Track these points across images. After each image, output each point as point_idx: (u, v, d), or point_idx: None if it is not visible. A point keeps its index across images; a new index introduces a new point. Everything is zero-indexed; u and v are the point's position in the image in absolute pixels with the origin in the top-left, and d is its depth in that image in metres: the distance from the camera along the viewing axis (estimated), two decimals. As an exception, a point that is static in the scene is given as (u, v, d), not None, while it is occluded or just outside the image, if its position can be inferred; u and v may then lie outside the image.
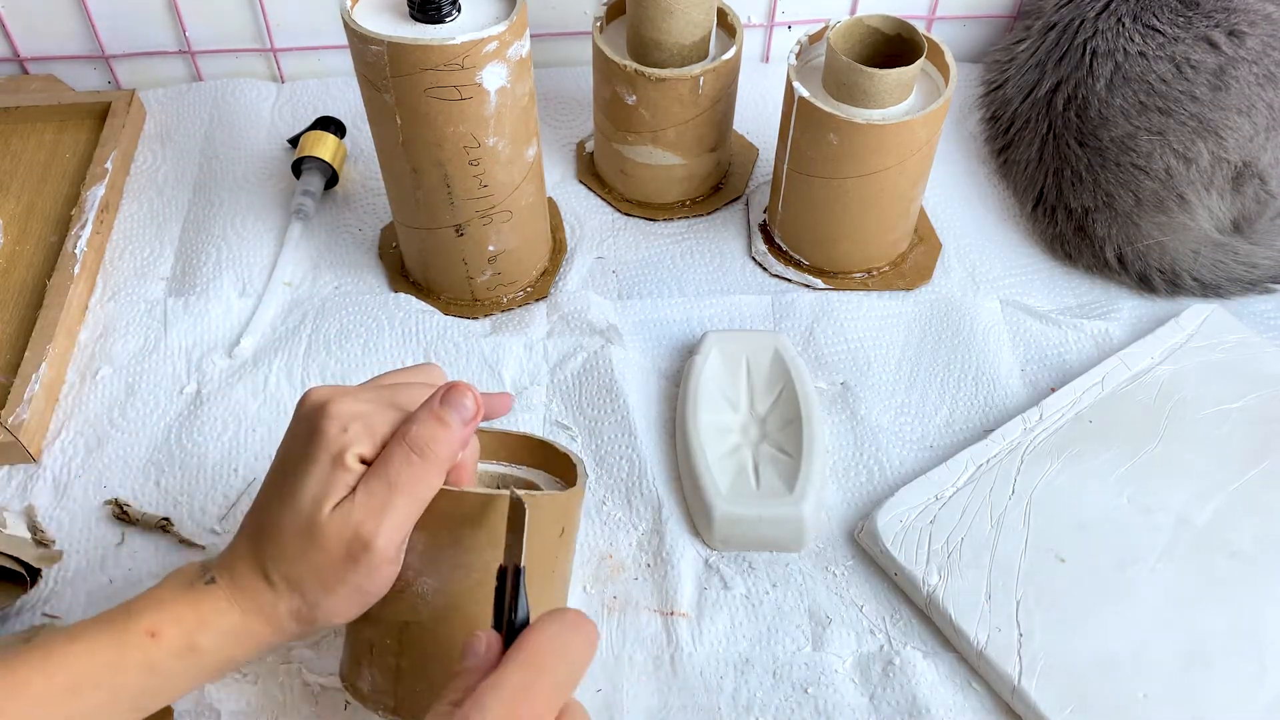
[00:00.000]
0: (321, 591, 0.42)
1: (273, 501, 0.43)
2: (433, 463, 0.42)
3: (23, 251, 0.71)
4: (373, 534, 0.40)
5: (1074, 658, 0.52)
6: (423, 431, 0.42)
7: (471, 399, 0.43)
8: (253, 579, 0.42)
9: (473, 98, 0.57)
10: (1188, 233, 0.70)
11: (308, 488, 0.41)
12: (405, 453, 0.42)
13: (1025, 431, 0.61)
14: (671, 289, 0.71)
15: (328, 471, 0.41)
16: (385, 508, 0.41)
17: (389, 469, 0.41)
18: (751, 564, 0.57)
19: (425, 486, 0.42)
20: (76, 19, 0.81)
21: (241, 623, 0.42)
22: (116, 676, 0.40)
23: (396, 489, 0.41)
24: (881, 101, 0.62)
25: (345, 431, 0.42)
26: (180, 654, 0.41)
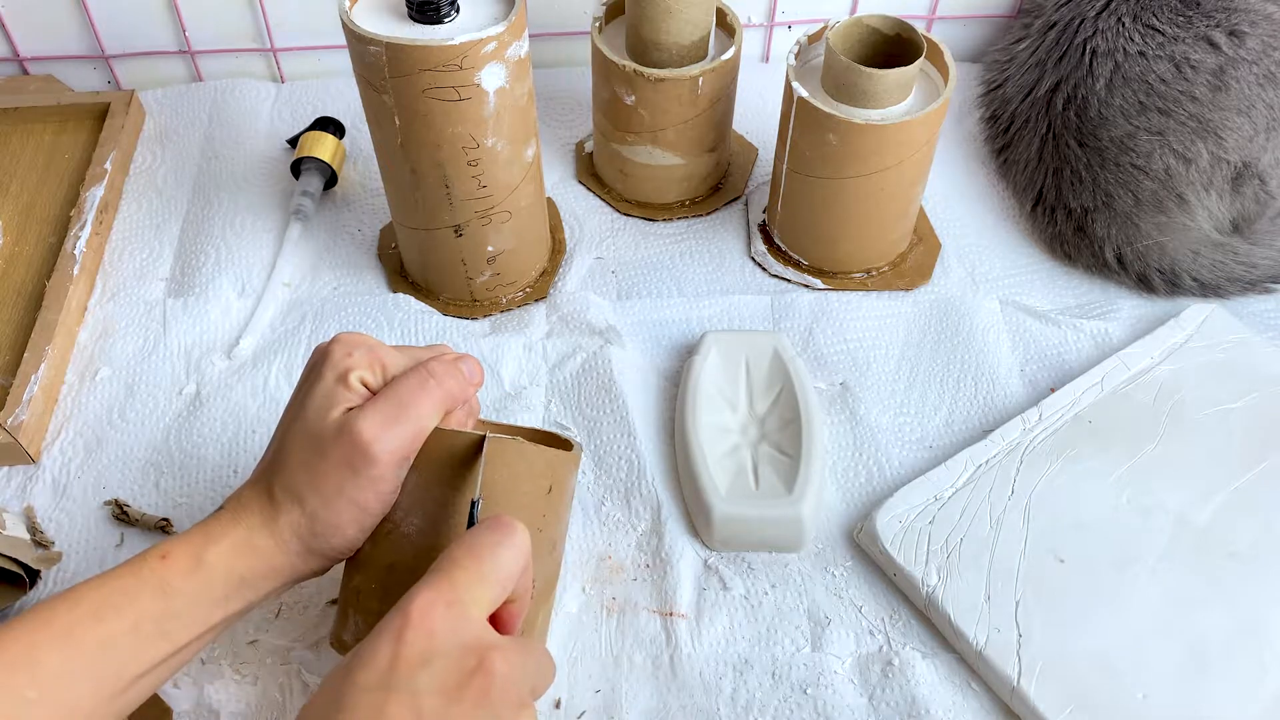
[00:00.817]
0: (320, 502, 0.43)
1: (282, 427, 0.46)
2: (443, 393, 0.45)
3: (22, 252, 0.71)
4: (375, 444, 0.43)
5: (1073, 658, 0.52)
6: (438, 367, 0.46)
7: (480, 369, 0.49)
8: (257, 497, 0.45)
9: (471, 98, 0.57)
10: (1187, 233, 0.70)
11: (313, 402, 0.45)
12: (422, 377, 0.45)
13: (1025, 432, 0.61)
14: (671, 289, 0.71)
15: (332, 387, 0.45)
16: (392, 422, 0.43)
17: (401, 389, 0.45)
18: (750, 565, 0.57)
19: (431, 413, 0.45)
20: (76, 19, 0.81)
21: (246, 537, 0.44)
22: (134, 600, 0.42)
23: (405, 407, 0.44)
24: (881, 101, 0.62)
25: (350, 355, 0.45)
26: (189, 572, 0.43)
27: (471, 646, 0.37)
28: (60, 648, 0.40)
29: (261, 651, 0.54)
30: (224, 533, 0.44)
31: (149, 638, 0.42)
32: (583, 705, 0.52)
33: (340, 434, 0.43)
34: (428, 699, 0.35)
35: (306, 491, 0.44)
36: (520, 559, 0.40)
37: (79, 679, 0.40)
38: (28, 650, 0.39)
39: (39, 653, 0.39)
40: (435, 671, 0.36)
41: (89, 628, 0.40)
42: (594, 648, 0.54)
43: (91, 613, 0.41)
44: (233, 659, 0.53)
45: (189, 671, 0.53)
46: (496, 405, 0.64)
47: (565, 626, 0.55)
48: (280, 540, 0.44)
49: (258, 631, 0.54)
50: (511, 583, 0.40)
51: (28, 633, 0.40)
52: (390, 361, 0.46)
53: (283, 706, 0.52)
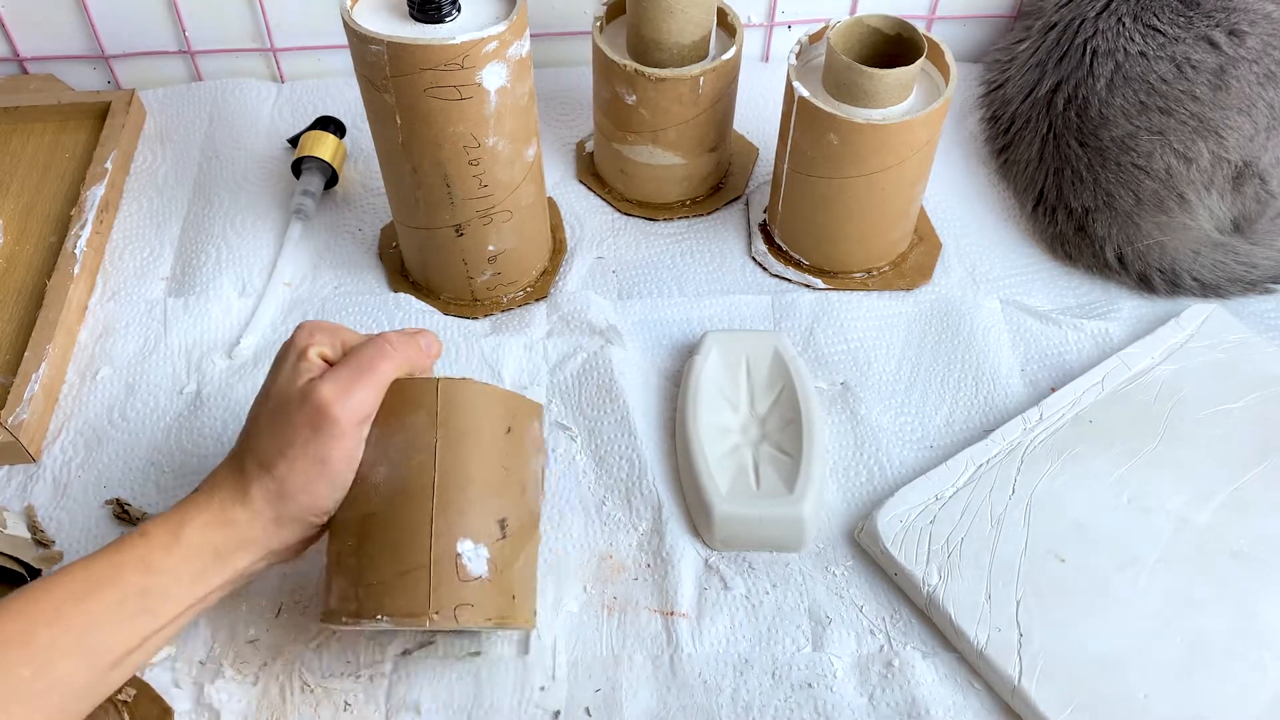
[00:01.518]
0: (286, 466, 0.46)
1: (253, 410, 0.49)
2: (400, 358, 0.49)
3: (22, 251, 0.71)
4: (335, 405, 0.46)
5: (1074, 658, 0.52)
6: (395, 336, 0.49)
7: (438, 343, 0.53)
8: (231, 472, 0.47)
9: (473, 97, 0.57)
10: (1188, 232, 0.70)
11: (277, 381, 0.48)
12: (379, 344, 0.49)
13: (1025, 431, 0.61)
14: (671, 289, 0.71)
15: (293, 364, 0.48)
16: (350, 385, 0.47)
17: (360, 354, 0.48)
18: (751, 564, 0.57)
19: (389, 374, 0.48)
20: (76, 19, 0.81)
21: (220, 511, 0.46)
22: (117, 578, 0.44)
23: (362, 370, 0.47)
24: (881, 101, 0.62)
25: (310, 335, 0.49)
26: (168, 547, 0.45)
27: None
28: (49, 626, 0.41)
29: (261, 651, 0.54)
30: (199, 510, 0.46)
31: (134, 613, 0.43)
32: (583, 705, 0.52)
33: (303, 400, 0.46)
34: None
35: (275, 458, 0.46)
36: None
37: (69, 655, 0.41)
38: (19, 629, 0.41)
39: (30, 631, 0.41)
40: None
41: (76, 605, 0.42)
42: (594, 647, 0.54)
43: (78, 591, 0.43)
44: (233, 659, 0.53)
45: (189, 672, 0.53)
46: (497, 405, 0.64)
47: (566, 626, 0.55)
48: (253, 510, 0.46)
49: (258, 631, 0.54)
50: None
51: (18, 613, 0.41)
52: (349, 338, 0.50)
53: (282, 706, 0.52)
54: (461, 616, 0.46)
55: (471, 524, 0.48)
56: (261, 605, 0.55)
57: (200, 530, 0.45)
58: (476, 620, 0.47)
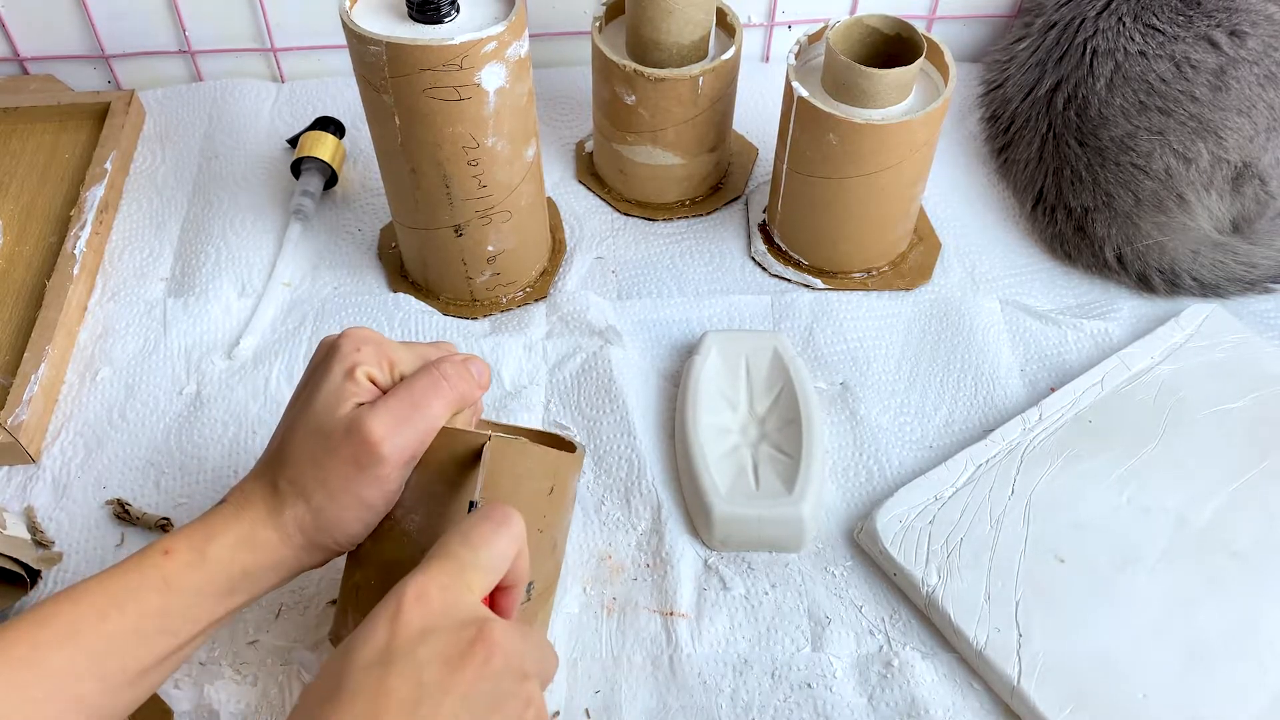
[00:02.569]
0: (325, 497, 0.43)
1: (287, 419, 0.46)
2: (455, 396, 0.45)
3: (22, 252, 0.71)
4: (385, 443, 0.43)
5: (1073, 658, 0.52)
6: (450, 368, 0.46)
7: (488, 371, 0.49)
8: (262, 490, 0.45)
9: (471, 98, 0.57)
10: (1187, 233, 0.69)
11: (321, 397, 0.44)
12: (435, 378, 0.45)
13: (1025, 431, 0.61)
14: (671, 289, 0.71)
15: (340, 382, 0.44)
16: (403, 422, 0.43)
17: (415, 389, 0.44)
18: (751, 564, 0.57)
19: (441, 414, 0.45)
20: (76, 19, 0.81)
21: (249, 532, 0.44)
22: (136, 597, 0.42)
23: (417, 408, 0.44)
24: (881, 101, 0.62)
25: (358, 350, 0.45)
26: (192, 567, 0.42)
27: (469, 620, 0.37)
28: (64, 645, 0.40)
29: (261, 652, 0.54)
30: (226, 527, 0.44)
31: (152, 634, 0.42)
32: (583, 705, 0.52)
33: (350, 431, 0.43)
34: (429, 669, 0.35)
35: (312, 486, 0.43)
36: (515, 544, 0.40)
37: (84, 676, 0.40)
38: (33, 649, 0.39)
39: (44, 651, 0.39)
40: (434, 643, 0.36)
41: (93, 625, 0.40)
42: (594, 648, 0.54)
43: (95, 610, 0.41)
44: (233, 659, 0.53)
45: (189, 672, 0.53)
46: (496, 405, 0.64)
47: (565, 626, 0.55)
48: (284, 534, 0.44)
49: (258, 632, 0.54)
50: (505, 566, 0.40)
51: (32, 631, 0.40)
52: (398, 358, 0.46)
53: (282, 707, 0.52)
54: None
55: None
56: (262, 606, 0.55)
57: (227, 550, 0.43)
58: None
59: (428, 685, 0.35)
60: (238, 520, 0.44)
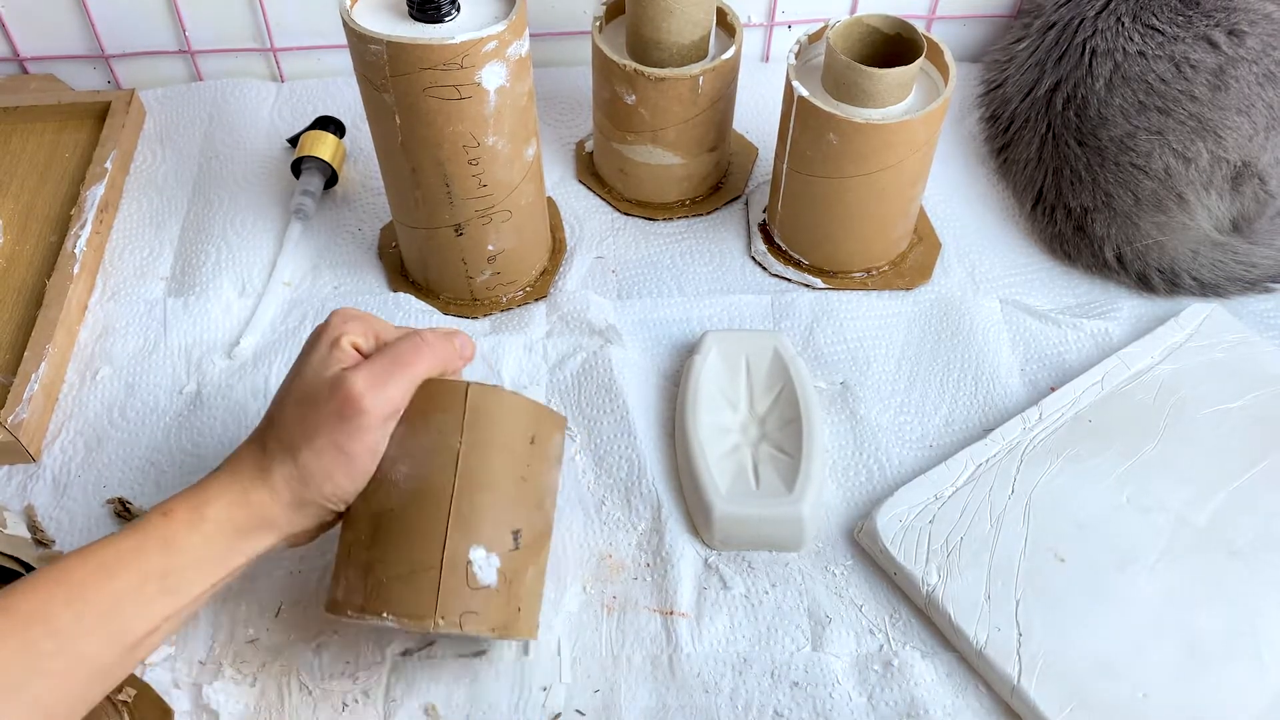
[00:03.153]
0: (311, 453, 0.46)
1: (279, 393, 0.49)
2: (435, 358, 0.49)
3: (22, 251, 0.71)
4: (366, 396, 0.46)
5: (1073, 657, 0.52)
6: (431, 335, 0.49)
7: (472, 346, 0.53)
8: (252, 453, 0.47)
9: (472, 97, 0.57)
10: (1187, 232, 0.70)
11: (309, 366, 0.48)
12: (416, 341, 0.48)
13: (1025, 431, 0.61)
14: (671, 289, 0.71)
15: (326, 351, 0.48)
16: (384, 377, 0.47)
17: (395, 349, 0.48)
18: (751, 564, 0.57)
19: (422, 373, 0.48)
20: (76, 19, 0.81)
21: (242, 491, 0.46)
22: (140, 556, 0.44)
23: (398, 364, 0.47)
24: (881, 101, 0.62)
25: (345, 323, 0.49)
26: (191, 525, 0.45)
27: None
28: (72, 603, 0.41)
29: (261, 651, 0.54)
30: (221, 489, 0.46)
31: (155, 594, 0.43)
32: (582, 705, 0.52)
33: (334, 388, 0.46)
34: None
35: (299, 442, 0.46)
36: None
37: (91, 633, 0.42)
38: (42, 605, 0.41)
39: (52, 608, 0.41)
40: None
41: (99, 583, 0.42)
42: (594, 647, 0.54)
43: (100, 569, 0.43)
44: (232, 659, 0.53)
45: (190, 672, 0.53)
46: (497, 404, 0.64)
47: (565, 626, 0.55)
48: (274, 491, 0.46)
49: (258, 631, 0.54)
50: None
51: (41, 589, 0.42)
52: (383, 331, 0.50)
53: (281, 707, 0.52)
54: (466, 624, 0.46)
55: (486, 532, 0.47)
56: (261, 605, 0.55)
57: (223, 509, 0.46)
58: (480, 629, 0.47)
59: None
60: (232, 481, 0.46)
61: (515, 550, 0.48)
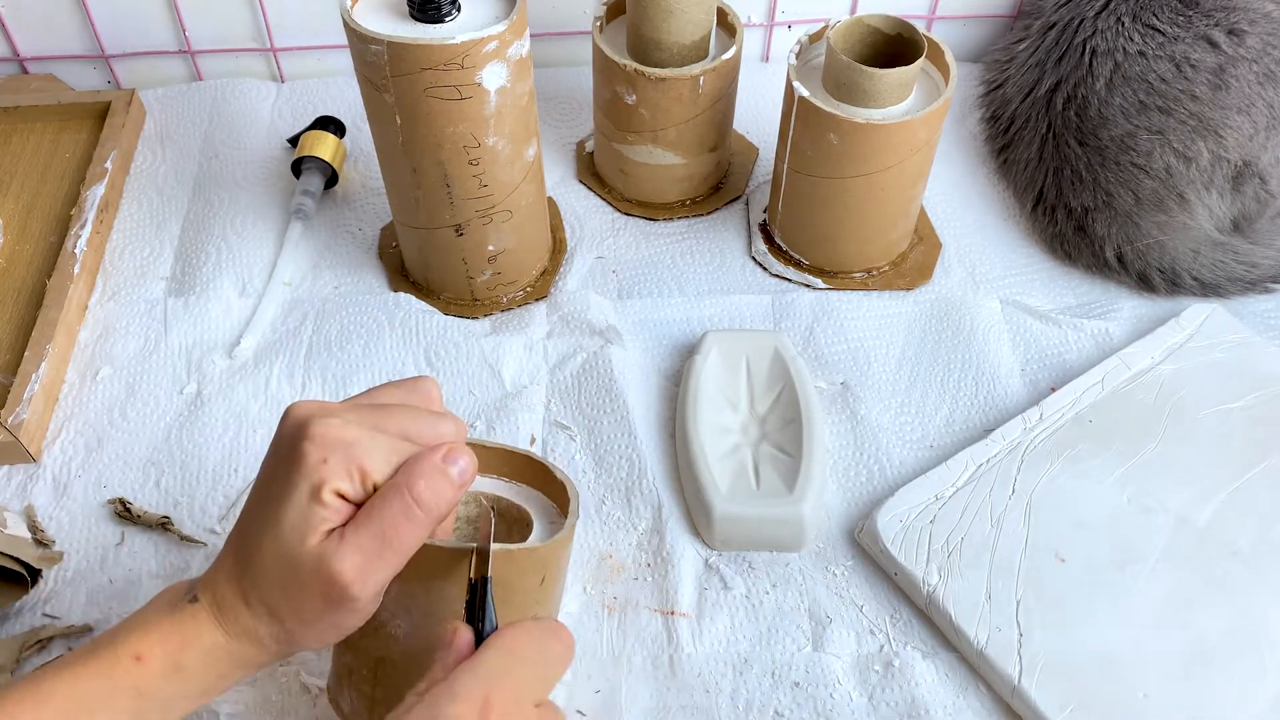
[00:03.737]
0: (298, 623, 0.41)
1: (253, 524, 0.42)
2: (428, 520, 0.40)
3: (22, 251, 0.71)
4: (354, 583, 0.39)
5: (1074, 657, 0.52)
6: (426, 488, 0.40)
7: (472, 463, 0.42)
8: (234, 601, 0.42)
9: (472, 97, 0.57)
10: (1187, 232, 0.70)
11: (286, 518, 0.40)
12: (407, 506, 0.40)
13: (1025, 431, 0.61)
14: (671, 289, 0.71)
15: (305, 504, 0.40)
16: (374, 559, 0.39)
17: (384, 519, 0.40)
18: (751, 564, 0.57)
19: (414, 543, 0.40)
20: (76, 19, 0.81)
21: (225, 643, 0.41)
22: (106, 702, 0.40)
23: (388, 544, 0.40)
24: (881, 101, 0.62)
25: (325, 463, 0.40)
26: (167, 675, 0.41)
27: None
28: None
29: (262, 651, 0.54)
30: (202, 636, 0.41)
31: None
32: (582, 705, 0.52)
33: (318, 570, 0.39)
34: None
35: (285, 613, 0.41)
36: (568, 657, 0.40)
37: None
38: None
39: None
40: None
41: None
42: (594, 647, 0.54)
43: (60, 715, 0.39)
44: (233, 658, 0.53)
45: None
46: (497, 405, 0.64)
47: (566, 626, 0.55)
48: (260, 646, 0.42)
49: (258, 631, 0.54)
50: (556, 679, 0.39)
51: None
52: (370, 464, 0.40)
53: (281, 708, 0.52)
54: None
55: None
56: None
57: (204, 658, 0.41)
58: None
59: None
60: (214, 629, 0.41)
61: None
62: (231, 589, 0.42)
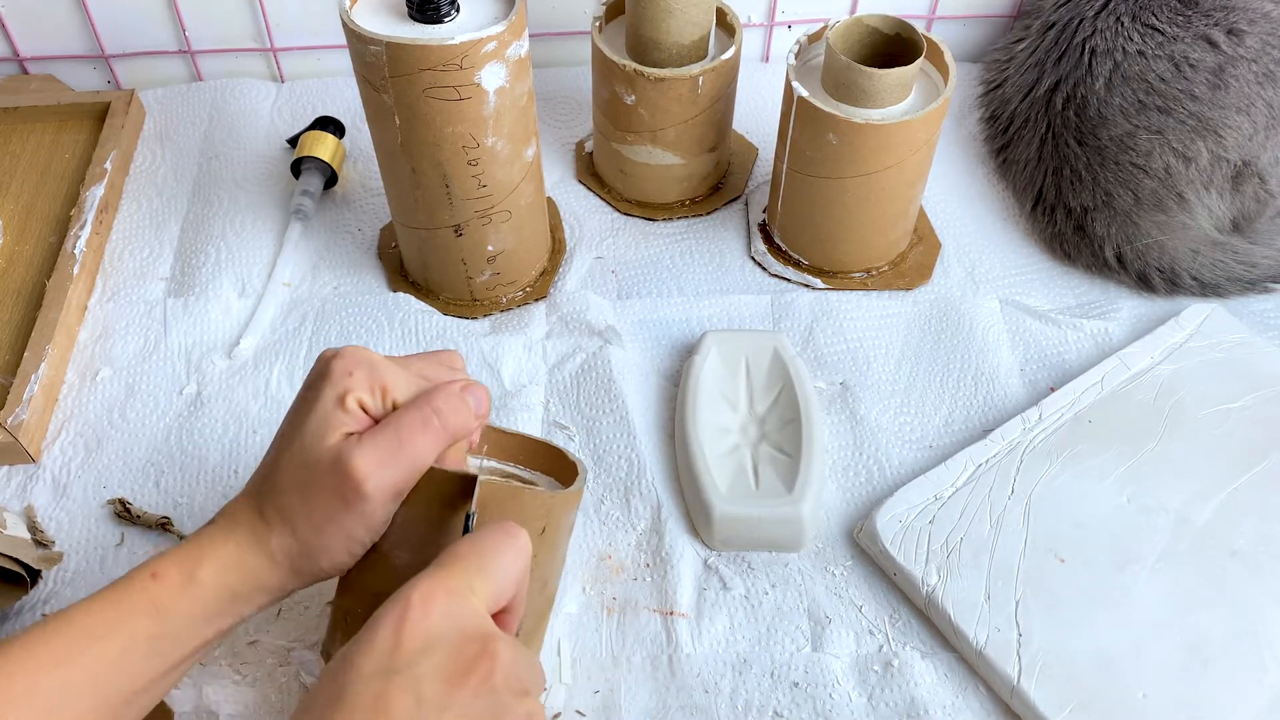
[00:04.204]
0: (310, 529, 0.43)
1: (278, 440, 0.45)
2: (446, 433, 0.44)
3: (22, 251, 0.71)
4: (368, 480, 0.42)
5: (1073, 658, 0.52)
6: (445, 403, 0.44)
7: (488, 399, 0.46)
8: (249, 514, 0.44)
9: (471, 98, 0.57)
10: (1187, 232, 0.70)
11: (309, 423, 0.43)
12: (426, 415, 0.43)
13: (1024, 431, 0.61)
14: (671, 289, 0.71)
15: (330, 410, 0.43)
16: (389, 460, 0.42)
17: (402, 425, 0.43)
18: (750, 564, 0.57)
19: (429, 452, 0.43)
20: (76, 19, 0.82)
21: (237, 554, 0.43)
22: (127, 621, 0.41)
23: (403, 446, 0.42)
24: (881, 101, 0.62)
25: (350, 375, 0.43)
26: (181, 587, 0.42)
27: (474, 633, 0.36)
28: (57, 671, 0.40)
29: (261, 652, 0.54)
30: (215, 550, 0.43)
31: (144, 657, 0.41)
32: (582, 705, 0.52)
33: (335, 465, 0.42)
34: (429, 684, 0.35)
35: (298, 518, 0.43)
36: (521, 561, 0.40)
37: (79, 699, 0.40)
38: (27, 675, 0.39)
39: (37, 677, 0.39)
40: (437, 656, 0.35)
41: (84, 649, 0.40)
42: (594, 648, 0.54)
43: (85, 634, 0.41)
44: (232, 659, 0.53)
45: (189, 673, 0.53)
46: (496, 404, 0.64)
47: (565, 626, 0.55)
48: (271, 560, 0.43)
49: (258, 632, 0.54)
50: (512, 583, 0.40)
51: (24, 657, 0.40)
52: (393, 383, 0.44)
53: (281, 708, 0.52)
54: None
55: None
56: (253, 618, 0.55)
57: (216, 572, 0.43)
58: None
59: (428, 700, 0.35)
60: (226, 542, 0.43)
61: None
62: (248, 505, 0.44)
